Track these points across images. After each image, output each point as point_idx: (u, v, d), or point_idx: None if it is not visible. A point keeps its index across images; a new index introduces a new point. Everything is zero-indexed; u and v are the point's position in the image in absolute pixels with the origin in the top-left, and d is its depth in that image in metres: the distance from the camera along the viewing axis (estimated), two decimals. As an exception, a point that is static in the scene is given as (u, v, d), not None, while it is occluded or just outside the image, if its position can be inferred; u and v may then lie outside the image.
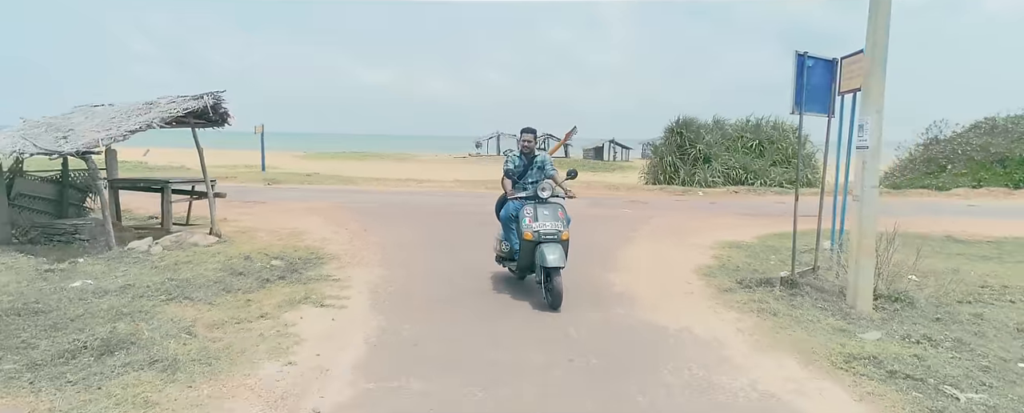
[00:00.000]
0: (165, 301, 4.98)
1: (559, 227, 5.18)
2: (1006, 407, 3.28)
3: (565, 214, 5.40)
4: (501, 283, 6.01)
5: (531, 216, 5.23)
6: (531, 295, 5.52)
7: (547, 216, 5.22)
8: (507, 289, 5.79)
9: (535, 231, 5.13)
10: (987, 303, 5.55)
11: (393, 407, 3.24)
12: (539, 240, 5.12)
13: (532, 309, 5.12)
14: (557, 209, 5.35)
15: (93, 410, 3.07)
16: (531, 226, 5.17)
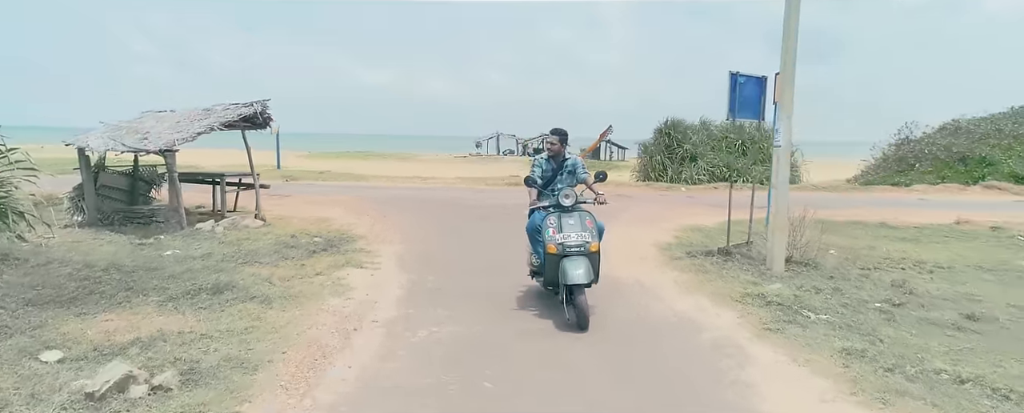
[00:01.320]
0: (241, 264, 6.58)
1: (586, 238, 4.77)
2: (841, 323, 4.87)
3: (594, 223, 4.96)
4: (502, 254, 7.58)
5: (554, 227, 4.83)
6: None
7: (572, 226, 4.82)
8: (508, 259, 7.38)
9: (559, 244, 4.74)
10: (882, 269, 7.14)
11: (426, 318, 4.84)
12: (564, 253, 4.72)
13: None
14: (584, 218, 4.91)
15: (225, 321, 4.66)
16: (555, 238, 4.77)
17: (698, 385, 3.69)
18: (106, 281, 5.57)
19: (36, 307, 4.77)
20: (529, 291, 5.77)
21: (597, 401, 3.43)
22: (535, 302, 5.42)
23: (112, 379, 3.33)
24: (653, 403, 3.42)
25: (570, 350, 4.24)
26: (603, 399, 3.47)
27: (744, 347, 4.28)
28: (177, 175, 8.41)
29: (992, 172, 18.13)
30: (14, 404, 3.19)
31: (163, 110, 9.50)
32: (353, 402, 3.36)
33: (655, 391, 3.60)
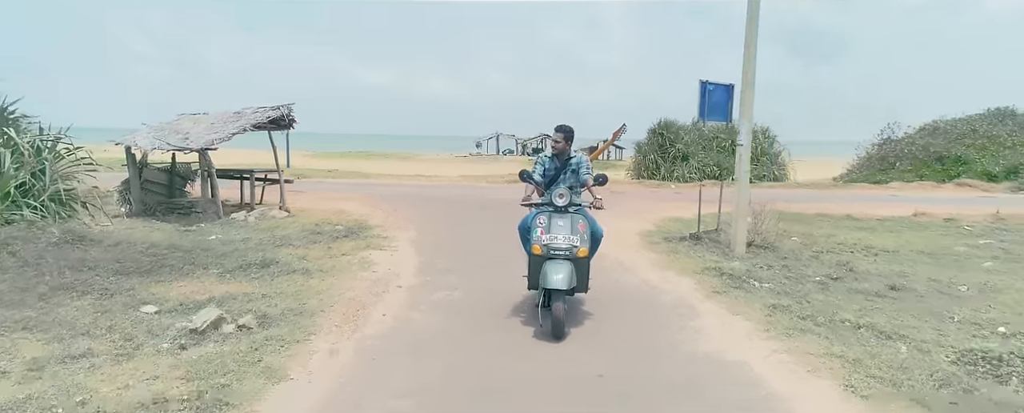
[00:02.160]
0: (277, 246, 7.70)
1: (574, 242, 4.56)
2: (779, 290, 5.97)
3: (587, 226, 4.75)
4: (502, 240, 8.68)
5: (543, 227, 4.65)
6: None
7: (561, 227, 4.61)
8: (507, 245, 8.49)
9: (544, 245, 4.57)
10: (833, 253, 8.25)
11: (439, 285, 5.98)
12: (547, 255, 4.54)
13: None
14: (576, 221, 4.69)
15: (277, 286, 5.78)
16: (541, 239, 4.60)
17: (656, 331, 4.82)
18: (171, 258, 6.70)
19: (123, 276, 5.90)
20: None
21: (575, 337, 4.56)
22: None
23: (209, 319, 4.45)
24: (619, 342, 4.55)
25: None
26: (579, 335, 4.60)
27: (694, 305, 5.41)
28: (213, 171, 9.53)
29: (966, 170, 19.27)
30: (138, 337, 4.31)
31: (196, 112, 10.63)
32: (390, 336, 4.49)
33: (621, 334, 4.72)
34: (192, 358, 3.89)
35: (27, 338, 4.22)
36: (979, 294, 6.17)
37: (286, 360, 3.88)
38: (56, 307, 4.90)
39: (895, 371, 3.81)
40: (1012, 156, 19.11)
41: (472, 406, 3.40)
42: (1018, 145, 19.43)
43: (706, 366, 4.04)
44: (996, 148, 19.66)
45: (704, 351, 4.30)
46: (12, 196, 6.84)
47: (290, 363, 3.83)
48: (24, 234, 6.46)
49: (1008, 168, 18.75)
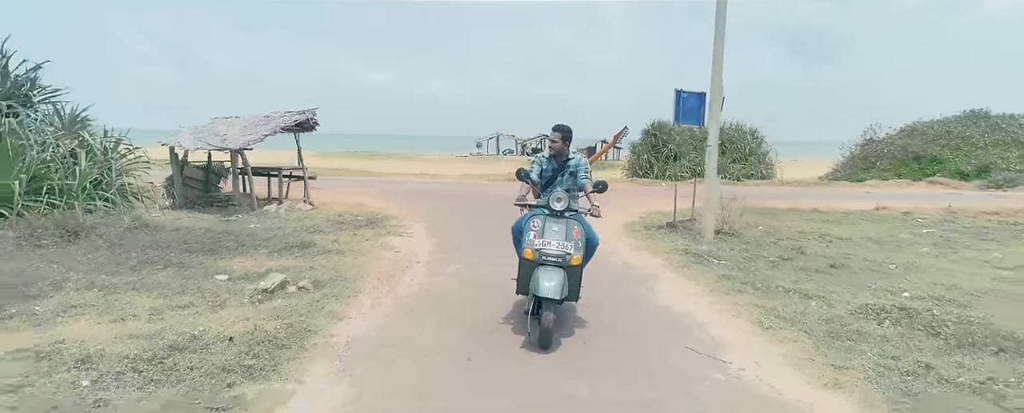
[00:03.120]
0: (310, 233, 9.00)
1: (567, 249, 4.42)
2: (733, 266, 7.28)
3: (583, 233, 4.61)
4: (503, 228, 9.98)
5: (536, 230, 4.52)
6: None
7: (556, 233, 4.48)
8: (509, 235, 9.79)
9: (536, 250, 4.44)
10: (792, 240, 9.55)
11: (453, 261, 7.29)
12: (539, 261, 4.42)
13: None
14: (572, 226, 4.55)
15: (319, 262, 7.06)
16: (533, 243, 4.48)
17: (626, 293, 6.13)
18: (225, 240, 8.01)
19: (191, 253, 7.21)
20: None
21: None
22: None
23: (275, 282, 5.76)
24: (595, 301, 5.86)
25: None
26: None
27: (659, 276, 6.73)
28: (248, 168, 10.84)
29: (941, 169, 20.60)
30: (222, 295, 5.61)
31: (229, 116, 11.93)
32: (417, 294, 5.80)
33: (598, 297, 6.03)
34: (270, 307, 5.20)
35: (139, 295, 5.52)
36: (904, 272, 7.47)
37: (343, 307, 5.20)
38: (149, 275, 6.21)
39: (798, 315, 5.13)
40: (983, 156, 20.44)
41: (485, 337, 4.70)
42: (989, 145, 20.77)
43: (659, 314, 5.35)
44: (969, 148, 20.98)
45: (661, 305, 5.62)
46: (88, 190, 8.14)
47: (346, 309, 5.15)
48: (104, 221, 7.77)
49: (979, 167, 20.08)
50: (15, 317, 4.74)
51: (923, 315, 5.17)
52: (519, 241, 4.91)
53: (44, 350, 4.03)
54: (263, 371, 3.79)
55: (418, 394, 3.60)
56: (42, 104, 8.61)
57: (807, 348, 4.37)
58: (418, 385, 3.74)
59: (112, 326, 4.63)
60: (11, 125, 7.53)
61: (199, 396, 3.42)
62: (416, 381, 3.79)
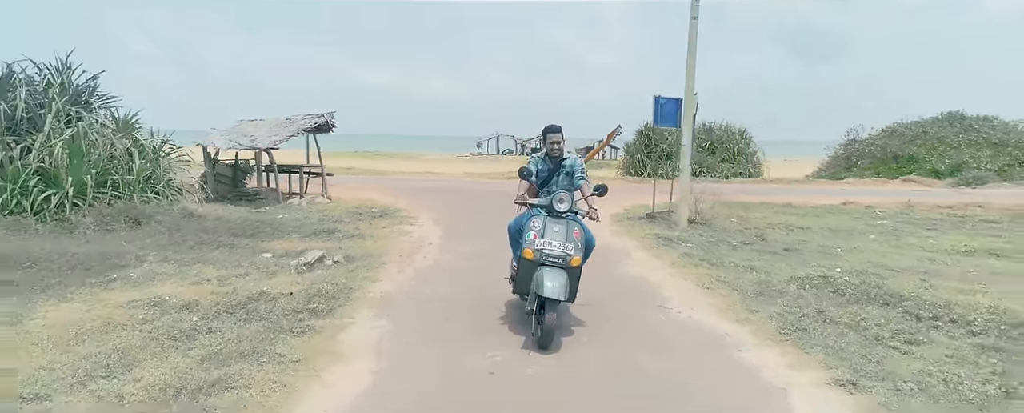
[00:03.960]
0: (333, 222, 10.35)
1: (568, 250, 4.48)
2: (697, 248, 8.63)
3: (582, 234, 4.65)
4: (502, 219, 11.32)
5: (537, 231, 4.55)
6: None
7: (557, 234, 4.52)
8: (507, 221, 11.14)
9: (537, 250, 4.48)
10: (759, 229, 10.89)
11: (459, 244, 8.65)
12: (540, 261, 4.47)
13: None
14: (572, 227, 4.60)
15: (346, 244, 8.42)
16: (533, 243, 4.50)
17: (601, 267, 7.48)
18: (261, 227, 9.36)
19: (236, 237, 8.56)
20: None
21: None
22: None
23: (315, 257, 7.12)
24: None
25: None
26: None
27: (631, 254, 8.09)
28: (275, 166, 12.21)
29: (917, 168, 21.96)
30: (270, 267, 6.96)
31: (254, 119, 13.29)
32: (431, 266, 7.16)
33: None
34: (313, 275, 6.56)
35: (204, 267, 6.87)
36: (846, 253, 8.81)
37: (375, 273, 6.57)
38: (206, 253, 7.56)
39: (736, 281, 6.49)
40: (957, 155, 21.80)
41: (488, 290, 6.04)
42: (963, 145, 22.13)
43: (627, 280, 6.71)
44: (944, 148, 22.35)
45: (629, 274, 6.98)
46: (141, 184, 9.49)
47: (377, 275, 6.52)
48: (158, 210, 9.12)
49: (952, 166, 21.44)
50: (117, 281, 6.10)
51: (838, 281, 6.52)
52: (516, 241, 4.99)
53: (152, 301, 5.38)
54: (323, 312, 5.14)
55: (440, 322, 4.97)
56: (100, 109, 9.95)
57: (734, 301, 5.73)
58: (439, 318, 5.10)
59: (194, 287, 5.98)
60: (82, 128, 8.87)
61: (281, 326, 4.77)
62: (437, 316, 5.16)
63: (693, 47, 10.33)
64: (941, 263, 8.10)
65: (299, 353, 4.17)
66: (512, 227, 5.19)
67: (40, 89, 9.33)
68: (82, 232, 8.02)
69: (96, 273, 6.28)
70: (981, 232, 10.86)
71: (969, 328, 5.00)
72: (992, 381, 3.81)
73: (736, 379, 3.92)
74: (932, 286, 6.46)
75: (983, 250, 9.02)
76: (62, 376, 3.69)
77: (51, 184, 8.52)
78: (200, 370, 3.81)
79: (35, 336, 4.40)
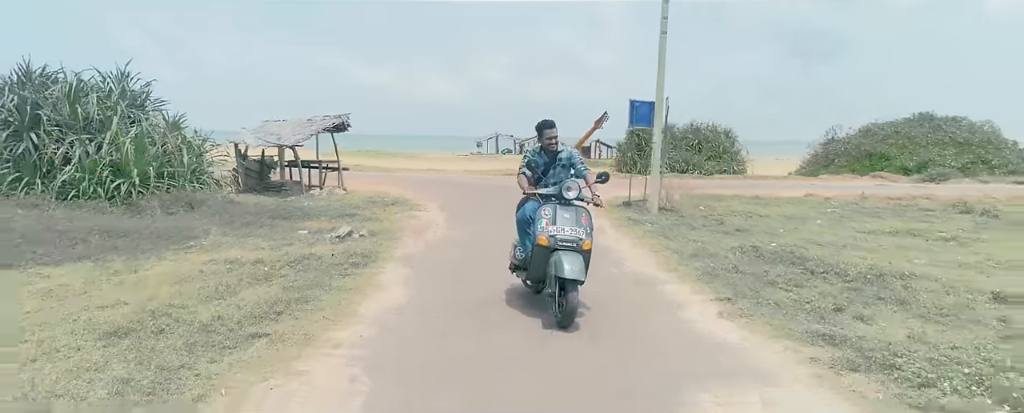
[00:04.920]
0: (352, 209, 12.12)
1: (580, 234, 4.77)
2: (660, 227, 10.41)
3: (590, 220, 4.97)
4: (499, 206, 13.07)
5: (549, 218, 4.81)
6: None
7: (568, 220, 4.80)
8: (504, 208, 12.88)
9: (551, 236, 4.72)
10: (722, 215, 12.64)
11: (462, 225, 10.43)
12: (555, 246, 4.71)
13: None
14: (581, 213, 4.91)
15: (367, 224, 10.19)
16: (547, 230, 4.75)
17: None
18: (293, 211, 11.13)
19: (274, 218, 10.33)
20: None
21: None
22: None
23: (345, 231, 8.90)
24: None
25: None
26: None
27: (605, 230, 9.84)
28: (300, 161, 13.99)
29: (887, 165, 23.74)
30: (309, 240, 8.72)
31: (278, 119, 15.07)
32: (441, 239, 8.95)
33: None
34: (346, 245, 8.32)
35: (257, 239, 8.62)
36: (788, 233, 10.55)
37: (395, 243, 8.35)
38: (254, 230, 9.32)
39: (681, 249, 8.26)
40: (924, 153, 23.58)
41: (486, 251, 7.79)
42: (930, 144, 23.91)
43: (596, 248, 8.46)
44: (913, 147, 24.12)
45: (598, 245, 8.70)
46: (189, 176, 11.26)
47: (397, 244, 8.30)
48: (206, 197, 10.89)
49: (919, 163, 23.21)
50: (194, 247, 7.86)
51: (763, 249, 8.29)
52: (524, 231, 5.25)
53: (227, 260, 7.13)
54: (361, 265, 6.92)
55: (448, 271, 6.75)
56: (153, 112, 11.72)
57: (672, 261, 7.51)
58: (447, 269, 6.88)
59: (254, 252, 7.74)
60: (144, 128, 10.64)
61: (332, 273, 6.53)
62: (446, 268, 6.95)
63: (662, 58, 12.11)
64: (862, 240, 9.85)
65: (351, 285, 5.95)
66: (520, 217, 5.45)
67: (105, 95, 11.10)
68: (149, 214, 9.78)
69: (176, 242, 8.05)
70: (915, 218, 12.60)
71: (845, 278, 6.76)
72: (827, 301, 5.58)
73: (654, 299, 5.70)
74: (839, 254, 8.22)
75: (905, 231, 10.77)
76: (190, 299, 5.44)
77: (120, 175, 10.29)
78: (285, 294, 5.57)
79: (152, 280, 6.16)
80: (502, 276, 6.29)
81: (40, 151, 10.00)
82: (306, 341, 4.36)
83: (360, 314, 5.10)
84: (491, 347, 4.44)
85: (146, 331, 4.44)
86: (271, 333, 4.46)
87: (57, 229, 7.98)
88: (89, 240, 7.73)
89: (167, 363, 3.83)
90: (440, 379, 3.81)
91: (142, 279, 6.15)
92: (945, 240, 9.92)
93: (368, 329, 4.73)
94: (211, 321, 4.69)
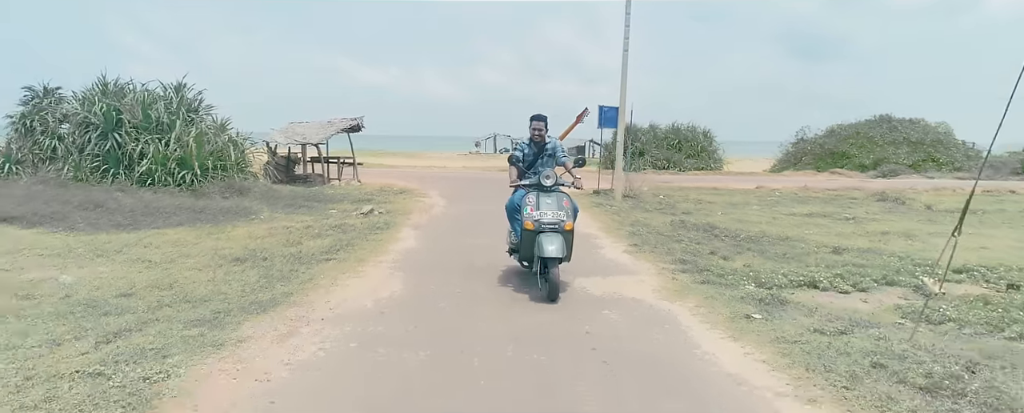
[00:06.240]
0: (368, 195, 14.85)
1: (561, 217, 5.31)
2: (617, 209, 13.14)
3: (571, 203, 5.50)
4: (494, 196, 15.79)
5: (533, 205, 5.33)
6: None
7: (550, 205, 5.34)
8: (497, 197, 15.62)
9: (536, 220, 5.25)
10: (677, 202, 15.36)
11: (460, 206, 13.19)
12: (539, 229, 5.24)
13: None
14: (561, 198, 5.46)
15: (382, 206, 12.94)
16: (532, 215, 5.29)
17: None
18: (321, 197, 13.87)
19: (307, 202, 13.05)
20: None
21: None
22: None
23: (368, 209, 11.64)
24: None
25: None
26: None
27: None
28: (324, 157, 16.74)
29: (847, 163, 26.45)
30: (340, 216, 11.46)
31: (301, 121, 17.81)
32: (443, 215, 11.69)
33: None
34: (370, 219, 11.04)
35: (300, 216, 11.35)
36: (724, 214, 13.28)
37: (407, 217, 11.09)
38: (294, 210, 12.03)
39: (623, 221, 10.99)
40: (880, 152, 26.32)
41: (479, 222, 10.50)
42: (886, 144, 26.64)
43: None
44: (871, 146, 26.85)
45: (563, 220, 11.52)
46: (235, 168, 13.98)
47: (409, 218, 11.04)
48: (251, 185, 13.61)
49: (875, 161, 25.94)
50: (255, 220, 10.58)
51: (689, 222, 11.02)
52: (514, 218, 5.86)
53: (283, 228, 9.85)
54: (383, 229, 9.65)
55: (449, 232, 9.48)
56: (205, 115, 14.45)
57: (613, 228, 10.24)
58: (448, 230, 9.62)
59: (302, 222, 10.45)
60: (202, 128, 13.38)
61: (364, 234, 9.24)
62: (447, 229, 9.68)
63: (625, 71, 14.85)
64: (778, 218, 12.57)
65: (380, 238, 8.70)
66: (509, 206, 6.11)
67: (168, 102, 13.82)
68: (209, 197, 12.49)
69: (240, 216, 10.78)
70: (836, 205, 15.31)
71: (736, 238, 9.47)
72: (706, 249, 8.32)
73: (587, 245, 8.42)
74: (747, 226, 10.94)
75: (819, 213, 13.47)
76: (272, 245, 8.14)
77: (184, 166, 13.01)
78: (337, 243, 8.29)
79: (239, 237, 8.87)
80: (484, 235, 9.01)
81: (122, 147, 12.72)
82: (359, 261, 7.10)
83: (389, 250, 7.86)
84: (473, 263, 7.17)
85: (256, 259, 7.16)
86: (337, 258, 7.21)
87: (153, 206, 10.70)
88: (178, 214, 10.44)
89: (281, 271, 6.55)
90: (442, 275, 6.52)
91: (232, 237, 8.87)
92: (846, 220, 12.63)
93: (395, 256, 7.48)
94: (295, 254, 7.42)
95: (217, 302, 5.18)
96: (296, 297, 5.45)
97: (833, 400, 3.29)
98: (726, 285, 6.11)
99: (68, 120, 13.47)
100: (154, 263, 6.88)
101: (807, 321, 4.78)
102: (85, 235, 8.57)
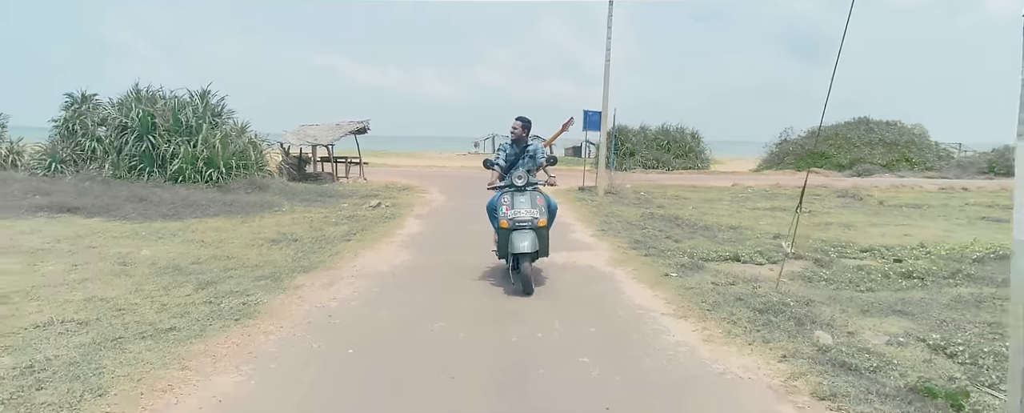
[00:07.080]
0: (374, 191, 16.59)
1: (535, 214, 5.65)
2: (596, 204, 14.88)
3: (545, 201, 5.88)
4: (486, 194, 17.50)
5: (507, 205, 5.71)
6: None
7: (523, 203, 5.70)
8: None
9: (510, 219, 5.64)
10: (656, 198, 17.09)
11: (456, 200, 14.94)
12: (513, 227, 5.62)
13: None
14: (535, 196, 5.81)
15: (388, 201, 14.69)
16: (507, 214, 5.68)
17: (536, 210, 13.78)
18: (332, 193, 15.59)
19: (320, 197, 14.77)
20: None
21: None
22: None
23: (376, 203, 13.38)
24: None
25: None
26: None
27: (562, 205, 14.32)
28: (333, 157, 18.48)
29: (826, 163, 28.18)
30: (351, 209, 13.19)
31: (312, 124, 19.54)
32: (442, 208, 13.44)
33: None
34: (378, 211, 12.77)
35: (320, 209, 13.06)
36: (695, 209, 15.01)
37: (411, 209, 12.83)
38: (310, 204, 13.75)
39: (598, 212, 12.72)
40: (857, 152, 28.05)
41: (474, 214, 12.21)
42: (863, 144, 28.37)
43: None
44: (849, 146, 28.59)
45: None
46: (254, 167, 15.70)
47: (413, 210, 12.79)
48: (269, 183, 15.33)
49: (852, 161, 27.68)
50: (278, 212, 12.30)
51: (657, 214, 12.75)
52: (494, 217, 6.21)
53: (304, 218, 11.59)
54: (391, 218, 11.38)
55: (448, 221, 11.22)
56: (227, 119, 16.17)
57: (587, 217, 11.97)
58: (447, 218, 11.35)
59: (320, 213, 12.18)
60: (226, 131, 15.11)
61: (374, 222, 10.97)
62: (446, 218, 11.41)
63: (607, 79, 16.59)
64: (742, 212, 14.29)
65: (389, 225, 10.43)
66: (489, 207, 6.47)
67: (195, 107, 15.54)
68: (234, 193, 14.20)
69: (265, 209, 12.50)
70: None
71: (694, 227, 11.19)
72: (662, 234, 10.05)
73: (562, 235, 10.13)
74: (710, 218, 12.67)
75: (780, 208, 15.21)
76: (298, 231, 9.86)
77: (210, 165, 14.73)
78: (353, 229, 10.01)
79: (268, 225, 10.59)
80: (478, 223, 10.73)
81: (156, 148, 14.45)
82: (373, 241, 8.84)
83: (397, 234, 9.61)
84: (467, 242, 8.90)
85: (289, 240, 8.88)
86: (355, 239, 8.95)
87: (189, 200, 12.43)
88: (212, 206, 12.16)
89: (311, 248, 8.27)
90: (442, 251, 8.25)
91: (263, 225, 10.59)
92: (803, 213, 14.36)
93: (403, 238, 9.22)
94: (320, 237, 9.15)
95: (270, 267, 6.90)
96: (328, 263, 7.19)
97: (697, 317, 5.03)
98: (663, 258, 7.84)
99: (106, 124, 15.20)
100: (207, 243, 8.60)
101: (710, 278, 6.51)
102: (139, 223, 10.29)
